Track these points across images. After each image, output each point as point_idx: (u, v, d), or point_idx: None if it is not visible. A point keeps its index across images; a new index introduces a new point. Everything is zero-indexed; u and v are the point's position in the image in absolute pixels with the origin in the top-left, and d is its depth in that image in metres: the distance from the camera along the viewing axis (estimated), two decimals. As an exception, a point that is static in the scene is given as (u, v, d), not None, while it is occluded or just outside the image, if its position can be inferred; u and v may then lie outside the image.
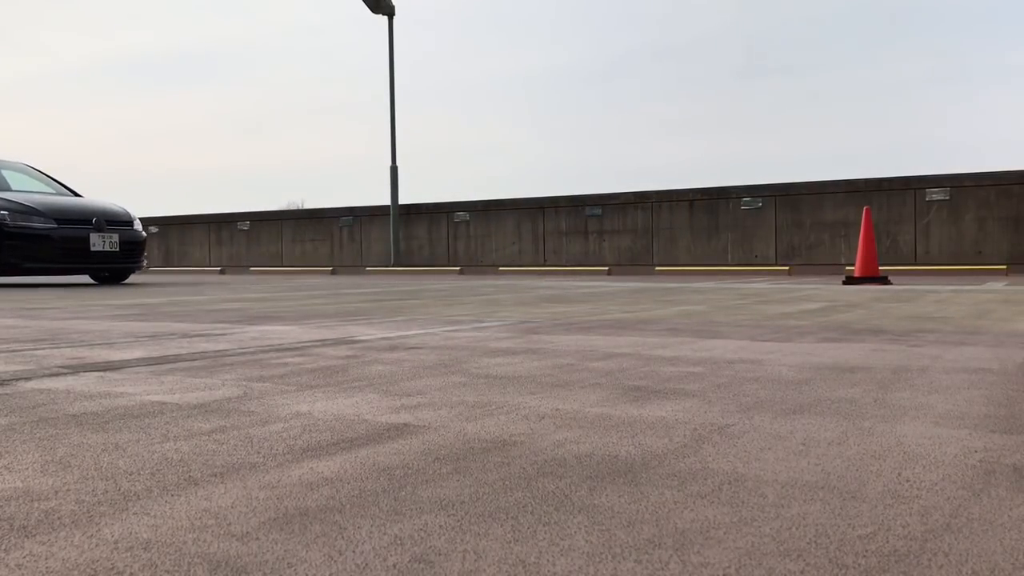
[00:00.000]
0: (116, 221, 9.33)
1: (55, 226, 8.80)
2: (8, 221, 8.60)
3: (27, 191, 9.53)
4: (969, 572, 0.78)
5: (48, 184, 10.21)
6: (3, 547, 0.86)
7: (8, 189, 9.42)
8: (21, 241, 8.63)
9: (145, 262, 9.90)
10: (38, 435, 1.39)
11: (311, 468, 1.16)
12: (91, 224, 9.02)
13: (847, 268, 10.67)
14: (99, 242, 8.96)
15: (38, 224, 8.74)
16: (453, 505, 0.99)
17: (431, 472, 1.14)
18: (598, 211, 14.02)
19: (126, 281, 10.02)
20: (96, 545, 0.86)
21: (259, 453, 1.25)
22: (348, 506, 0.99)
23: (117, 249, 9.13)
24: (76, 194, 10.20)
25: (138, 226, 9.65)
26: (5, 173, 9.85)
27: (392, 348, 2.63)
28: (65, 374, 2.11)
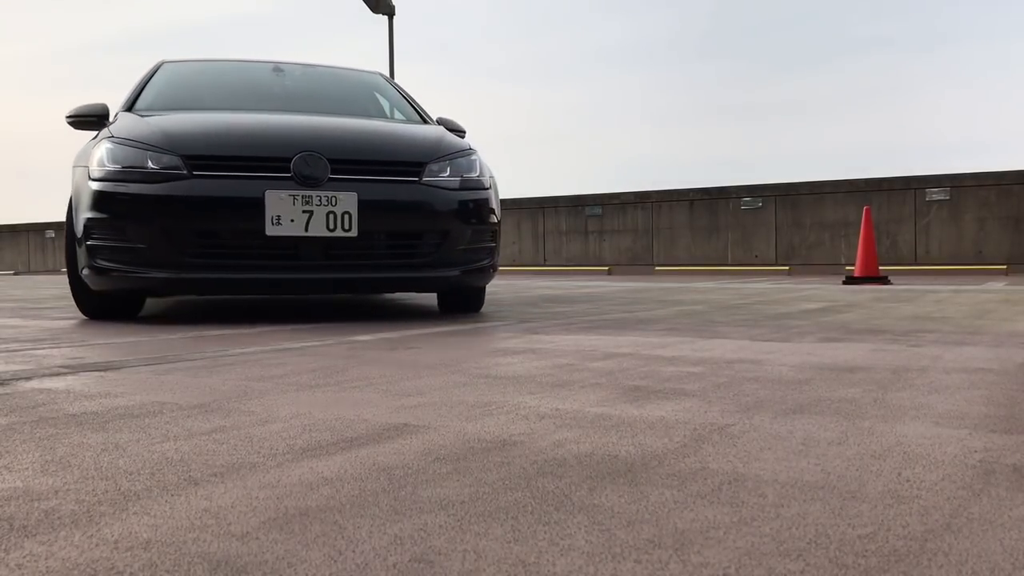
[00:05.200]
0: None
1: None
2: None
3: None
4: (969, 572, 0.78)
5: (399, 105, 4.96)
6: (3, 547, 0.86)
7: (383, 116, 4.78)
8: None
9: (495, 266, 4.21)
10: (38, 435, 1.39)
11: (311, 468, 1.17)
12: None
13: (847, 268, 10.68)
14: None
15: None
16: (453, 505, 0.99)
17: (431, 472, 1.14)
18: (598, 211, 14.02)
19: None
20: (96, 545, 0.86)
21: (259, 453, 1.25)
22: (348, 506, 0.99)
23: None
24: (427, 120, 4.71)
25: (480, 172, 4.02)
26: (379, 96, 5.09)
27: (392, 348, 2.63)
28: (65, 374, 2.11)
